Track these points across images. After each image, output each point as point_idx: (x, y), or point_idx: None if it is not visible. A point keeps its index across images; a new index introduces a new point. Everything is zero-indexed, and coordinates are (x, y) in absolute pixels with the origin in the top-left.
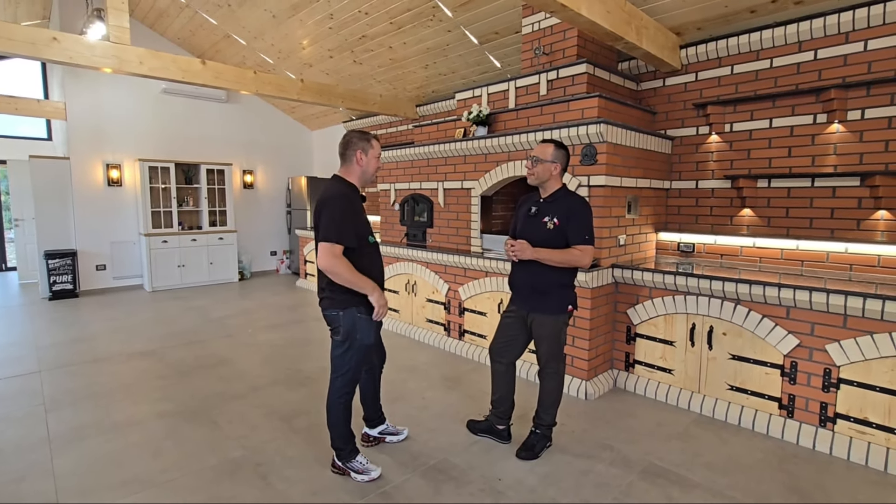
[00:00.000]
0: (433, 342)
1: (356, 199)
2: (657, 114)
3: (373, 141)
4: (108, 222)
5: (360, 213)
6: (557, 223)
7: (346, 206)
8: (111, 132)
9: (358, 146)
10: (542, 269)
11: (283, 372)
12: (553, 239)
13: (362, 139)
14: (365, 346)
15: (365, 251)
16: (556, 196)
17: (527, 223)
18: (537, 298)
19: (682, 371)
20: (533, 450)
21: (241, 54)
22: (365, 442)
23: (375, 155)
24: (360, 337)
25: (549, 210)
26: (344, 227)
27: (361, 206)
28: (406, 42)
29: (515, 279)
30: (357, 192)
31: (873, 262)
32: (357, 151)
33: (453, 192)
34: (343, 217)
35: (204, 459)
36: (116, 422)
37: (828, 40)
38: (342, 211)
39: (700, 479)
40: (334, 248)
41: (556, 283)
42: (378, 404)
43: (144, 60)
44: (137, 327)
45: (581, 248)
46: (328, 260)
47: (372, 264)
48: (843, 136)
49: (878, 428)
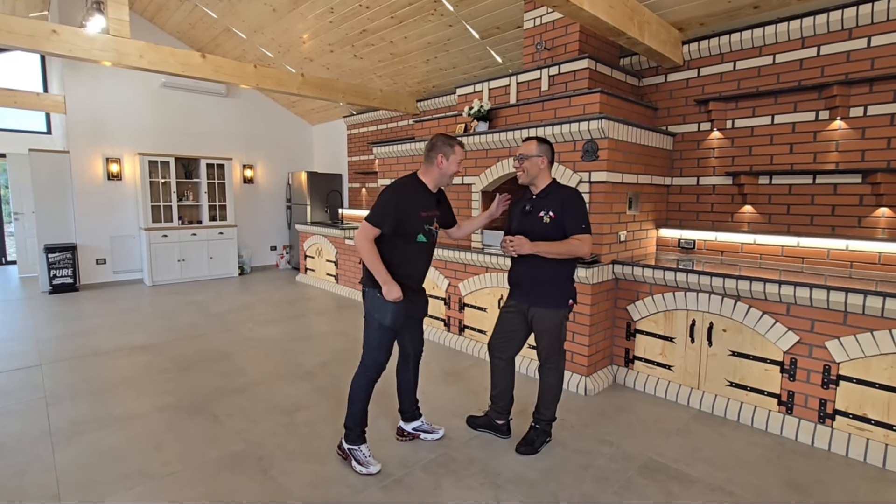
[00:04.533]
0: (433, 337)
1: (417, 196)
2: (658, 110)
3: (456, 147)
4: (108, 216)
5: (415, 209)
6: (553, 216)
7: (398, 197)
8: (111, 126)
9: (441, 150)
10: (542, 263)
11: (284, 366)
12: (551, 232)
13: (446, 144)
14: (384, 327)
15: (408, 247)
16: (548, 190)
17: (522, 220)
18: (538, 293)
19: (682, 367)
20: (533, 445)
21: (241, 48)
22: (399, 437)
23: (457, 160)
24: (378, 316)
25: (544, 205)
26: (385, 216)
27: (422, 204)
28: (407, 36)
29: (515, 274)
30: (424, 190)
31: (874, 260)
32: (439, 155)
33: (454, 188)
34: (387, 206)
35: (205, 453)
36: (117, 415)
37: (831, 36)
38: (389, 201)
39: (699, 475)
40: (369, 230)
41: (556, 277)
42: (412, 398)
43: (144, 54)
44: (138, 321)
45: (579, 237)
46: (359, 237)
47: (409, 260)
48: (845, 132)
49: (877, 424)
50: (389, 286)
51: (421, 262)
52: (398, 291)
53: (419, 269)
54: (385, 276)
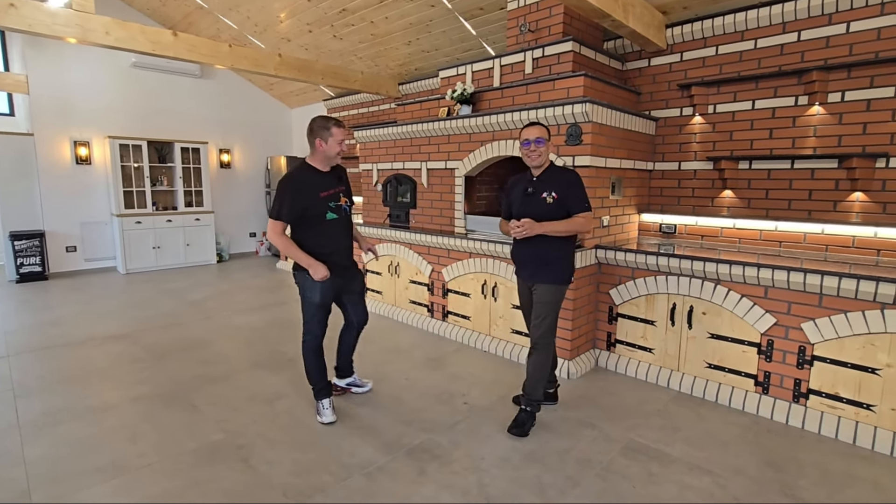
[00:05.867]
0: (417, 323)
1: (311, 181)
2: (641, 94)
3: (333, 128)
4: (77, 202)
5: (312, 192)
6: (556, 196)
7: (291, 188)
8: (78, 108)
9: (318, 134)
10: (546, 241)
11: (264, 354)
12: (554, 212)
13: (322, 127)
14: (314, 303)
15: (322, 227)
16: (549, 172)
17: (525, 202)
18: (543, 268)
19: (663, 350)
20: (523, 427)
21: (216, 27)
22: (334, 391)
23: (337, 140)
24: (308, 295)
25: (546, 186)
26: (283, 207)
27: (319, 186)
28: (388, 17)
29: (520, 253)
30: (317, 173)
31: (848, 243)
32: (317, 140)
33: (437, 173)
34: (282, 199)
35: (183, 443)
36: (90, 406)
37: (811, 21)
38: (283, 193)
39: (679, 454)
40: (275, 224)
41: (560, 253)
42: (349, 360)
43: (111, 30)
44: (111, 310)
45: (583, 215)
46: (270, 234)
47: (328, 238)
48: (823, 118)
49: (849, 403)
50: (315, 267)
51: (341, 238)
52: (324, 270)
53: (341, 244)
54: (308, 260)
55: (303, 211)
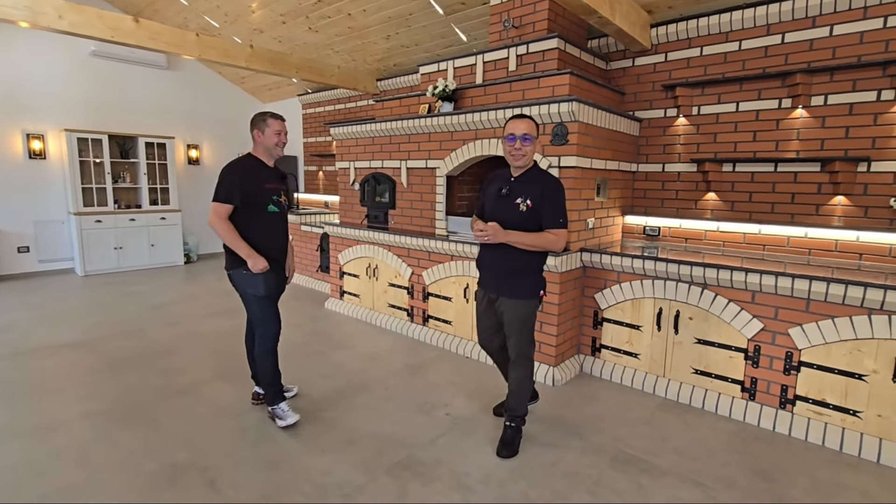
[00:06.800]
0: (396, 328)
1: (256, 171)
2: (625, 94)
3: (269, 120)
4: (30, 199)
5: (259, 180)
6: (531, 205)
7: (239, 171)
8: (31, 98)
9: (256, 126)
10: (514, 251)
11: (231, 364)
12: (525, 221)
13: (260, 119)
14: (261, 296)
15: (262, 218)
16: (530, 175)
17: (497, 204)
18: (509, 282)
19: (648, 355)
20: (513, 445)
21: (183, 16)
22: (255, 401)
23: (273, 132)
24: (252, 291)
25: (522, 190)
26: (232, 189)
27: (265, 177)
28: (366, 9)
29: (485, 260)
30: (262, 165)
31: (831, 247)
32: (255, 132)
33: (417, 172)
34: (231, 181)
35: (140, 465)
36: (37, 424)
37: (795, 24)
38: (231, 175)
39: (669, 465)
40: (219, 208)
41: (528, 267)
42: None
43: (64, 14)
44: (66, 316)
45: (555, 231)
46: (213, 219)
47: (267, 231)
48: (806, 121)
49: (835, 409)
50: (254, 259)
51: (279, 235)
52: (263, 262)
53: (279, 240)
54: (248, 250)
55: (247, 197)
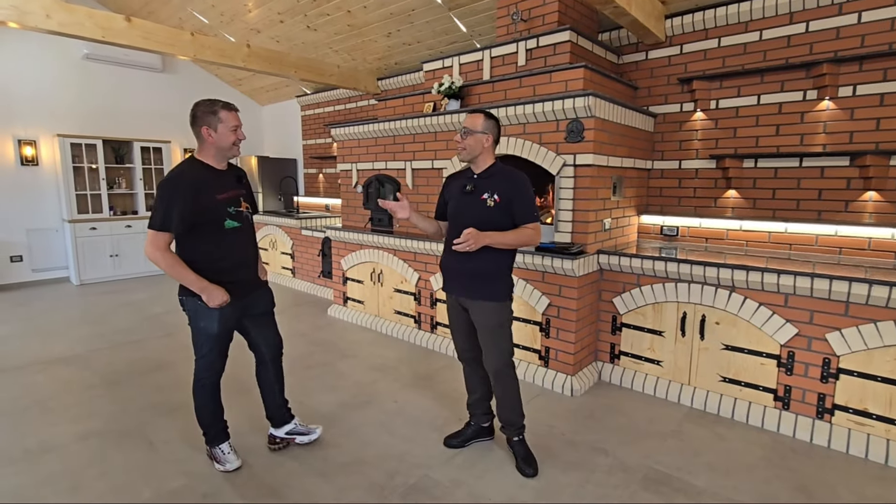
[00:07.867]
0: (403, 336)
1: (204, 180)
2: (639, 89)
3: (221, 112)
4: (22, 207)
5: (208, 194)
6: (498, 200)
7: (179, 188)
8: (22, 103)
9: (203, 121)
10: (486, 252)
11: (231, 377)
12: (494, 216)
13: (208, 112)
14: (212, 335)
15: (220, 237)
16: (492, 171)
17: (462, 201)
18: (481, 285)
19: (672, 362)
20: (532, 459)
21: (178, 16)
22: (271, 444)
23: (228, 127)
24: (203, 325)
25: (487, 186)
26: (168, 214)
27: (215, 186)
28: (367, 6)
29: (450, 261)
30: (210, 171)
31: (864, 245)
32: (203, 128)
33: (423, 173)
34: (169, 202)
35: (136, 492)
36: (27, 448)
37: (820, 11)
38: (169, 195)
39: (704, 484)
40: (157, 237)
41: (501, 267)
42: (281, 400)
43: (52, 13)
44: (60, 327)
45: (532, 226)
46: (149, 250)
47: (228, 252)
48: (833, 113)
49: (879, 419)
50: (208, 292)
51: (243, 250)
52: (221, 294)
53: (244, 257)
54: (200, 283)
55: (196, 216)
